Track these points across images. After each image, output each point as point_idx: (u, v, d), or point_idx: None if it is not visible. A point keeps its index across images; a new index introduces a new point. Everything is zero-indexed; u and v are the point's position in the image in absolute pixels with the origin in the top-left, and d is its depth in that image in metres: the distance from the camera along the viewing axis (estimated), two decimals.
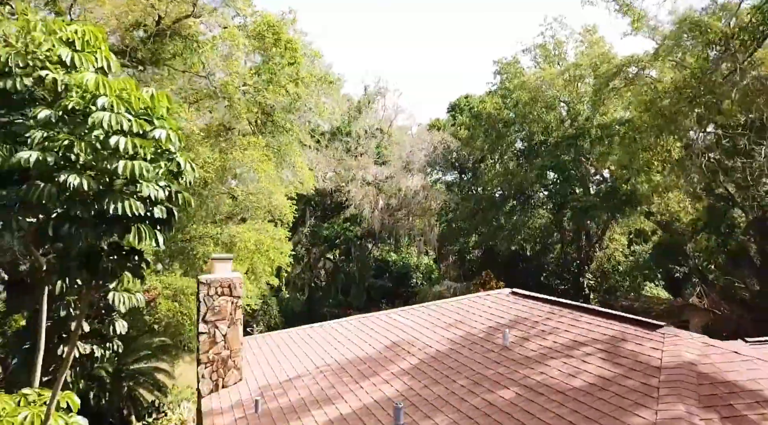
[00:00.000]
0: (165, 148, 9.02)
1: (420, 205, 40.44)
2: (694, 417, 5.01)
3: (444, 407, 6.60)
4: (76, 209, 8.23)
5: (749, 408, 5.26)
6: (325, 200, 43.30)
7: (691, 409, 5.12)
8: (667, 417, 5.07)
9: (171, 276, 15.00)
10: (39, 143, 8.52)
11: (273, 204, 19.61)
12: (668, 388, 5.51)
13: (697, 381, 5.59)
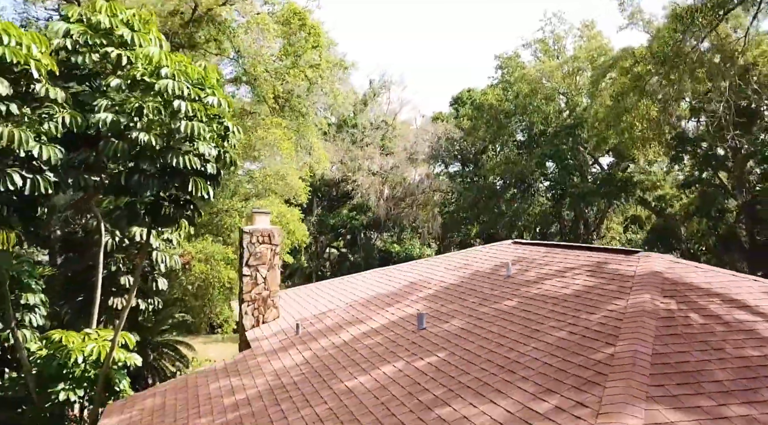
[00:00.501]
0: (215, 113, 10.54)
1: (424, 194, 41.89)
2: (656, 302, 6.46)
3: (458, 315, 8.06)
4: (145, 163, 9.73)
5: (701, 297, 6.71)
6: (332, 191, 44.77)
7: (654, 298, 6.57)
8: (634, 302, 6.53)
9: (203, 242, 16.46)
10: (109, 108, 10.01)
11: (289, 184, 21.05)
12: (638, 287, 6.96)
13: (661, 282, 7.04)
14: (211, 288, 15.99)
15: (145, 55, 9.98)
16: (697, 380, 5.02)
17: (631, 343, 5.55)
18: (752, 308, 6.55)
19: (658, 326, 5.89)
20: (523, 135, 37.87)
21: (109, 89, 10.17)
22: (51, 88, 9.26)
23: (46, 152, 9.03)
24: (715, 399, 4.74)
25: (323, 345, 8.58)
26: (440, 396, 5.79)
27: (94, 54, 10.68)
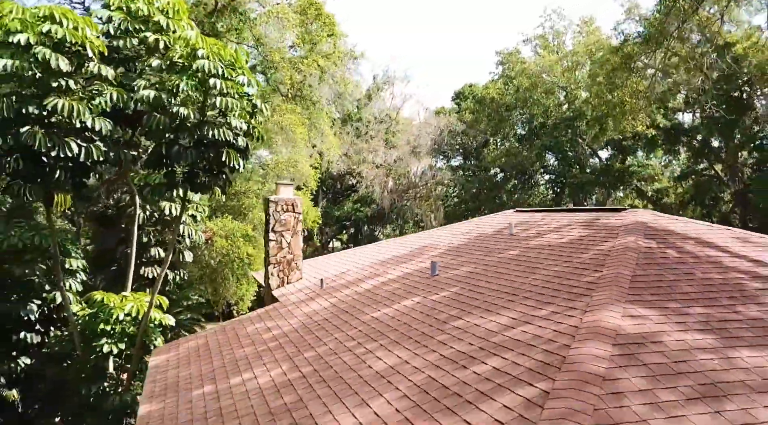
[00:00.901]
0: (244, 92, 11.62)
1: (426, 186, 42.97)
2: (639, 242, 7.53)
3: (466, 264, 9.13)
4: (183, 135, 10.81)
5: (677, 240, 7.78)
6: (336, 184, 45.87)
7: (637, 239, 7.64)
8: (620, 243, 7.60)
9: (224, 220, 17.51)
10: (148, 86, 11.09)
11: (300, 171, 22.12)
12: (624, 233, 8.04)
13: (644, 228, 8.11)
14: (231, 263, 17.05)
15: (183, 38, 11.06)
16: (668, 292, 6.10)
17: (615, 269, 6.63)
18: (721, 247, 7.63)
19: (639, 258, 6.97)
20: (523, 128, 38.93)
21: (150, 69, 11.27)
22: (103, 66, 10.32)
23: (98, 123, 10.11)
24: (681, 304, 5.82)
25: (347, 293, 9.66)
26: (454, 314, 6.87)
27: (133, 39, 11.78)
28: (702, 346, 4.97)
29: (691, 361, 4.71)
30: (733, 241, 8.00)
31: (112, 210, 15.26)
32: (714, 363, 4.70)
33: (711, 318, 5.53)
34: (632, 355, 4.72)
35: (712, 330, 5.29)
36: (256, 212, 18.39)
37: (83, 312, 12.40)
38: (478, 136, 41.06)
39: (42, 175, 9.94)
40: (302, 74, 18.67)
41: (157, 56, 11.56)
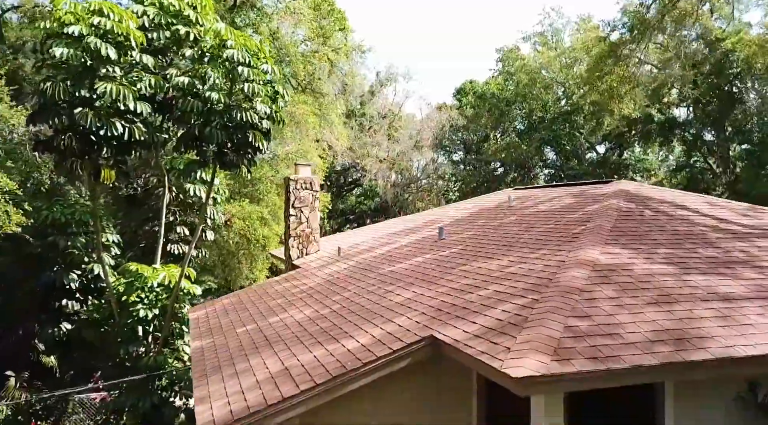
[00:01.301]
0: (267, 79, 12.77)
1: (428, 180, 44.14)
2: (620, 204, 8.70)
3: (471, 229, 10.31)
4: (215, 117, 11.97)
5: (655, 203, 8.95)
6: (340, 177, 47.03)
7: (619, 202, 8.81)
8: (604, 204, 8.77)
9: (242, 203, 18.67)
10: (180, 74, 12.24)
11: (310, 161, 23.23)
12: (608, 198, 9.21)
13: (626, 194, 9.28)
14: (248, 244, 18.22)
15: (214, 31, 12.23)
16: (640, 238, 7.27)
17: (597, 222, 7.80)
18: (691, 209, 8.81)
19: (618, 215, 8.13)
20: (522, 122, 40.06)
21: (183, 59, 12.44)
22: (144, 55, 11.49)
23: (140, 106, 11.27)
24: (650, 246, 6.99)
25: (363, 257, 10.83)
26: (460, 262, 8.05)
27: (166, 31, 12.93)
28: (663, 272, 6.15)
29: (652, 281, 5.89)
30: (703, 204, 9.19)
31: (140, 191, 16.45)
32: (670, 283, 5.88)
33: (673, 256, 6.70)
34: (605, 277, 5.90)
35: (673, 263, 6.47)
36: (270, 197, 19.55)
37: (118, 282, 13.57)
38: (478, 130, 42.17)
39: (91, 151, 11.12)
40: (313, 67, 19.82)
41: (188, 46, 12.73)
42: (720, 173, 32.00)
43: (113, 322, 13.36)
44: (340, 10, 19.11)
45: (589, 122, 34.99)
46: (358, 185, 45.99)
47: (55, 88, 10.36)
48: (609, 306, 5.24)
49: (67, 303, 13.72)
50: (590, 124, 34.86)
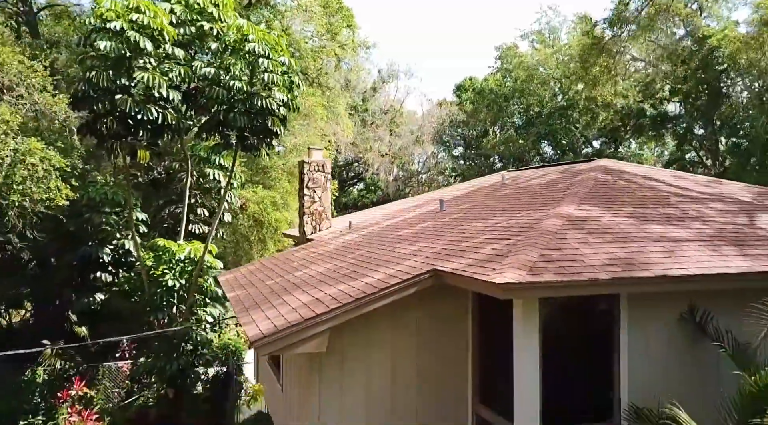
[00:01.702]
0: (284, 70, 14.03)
1: (429, 173, 45.46)
2: (597, 175, 10.00)
3: (468, 202, 11.62)
4: (237, 104, 13.25)
5: (628, 175, 10.26)
6: (343, 171, 48.36)
7: (597, 174, 10.11)
8: (583, 177, 10.07)
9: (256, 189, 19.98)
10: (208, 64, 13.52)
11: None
12: (588, 171, 10.52)
13: (603, 168, 10.58)
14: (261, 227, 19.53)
15: (237, 26, 13.52)
16: (611, 200, 8.57)
17: (575, 189, 9.11)
18: (660, 180, 10.13)
19: (595, 183, 9.44)
20: (520, 117, 41.37)
21: (209, 52, 13.74)
22: (176, 48, 12.78)
23: (171, 94, 12.57)
24: (618, 205, 8.29)
25: (372, 229, 12.15)
26: (457, 224, 9.36)
27: (191, 26, 14.21)
28: (625, 223, 7.46)
29: (615, 228, 7.20)
30: (671, 177, 10.51)
31: (163, 176, 17.76)
32: (630, 230, 7.19)
33: (636, 212, 8.01)
34: (577, 224, 7.21)
35: (635, 217, 7.77)
36: (281, 183, 20.86)
37: (148, 256, 14.87)
38: (477, 125, 43.48)
39: (128, 134, 12.42)
40: (321, 62, 21.11)
41: (211, 40, 14.02)
42: (710, 165, 33.27)
43: (142, 293, 14.66)
44: (348, 8, 20.46)
45: (584, 117, 36.32)
46: (361, 179, 47.37)
47: (99, 76, 11.66)
48: (576, 243, 6.55)
49: (101, 275, 15.04)
50: (585, 119, 36.20)
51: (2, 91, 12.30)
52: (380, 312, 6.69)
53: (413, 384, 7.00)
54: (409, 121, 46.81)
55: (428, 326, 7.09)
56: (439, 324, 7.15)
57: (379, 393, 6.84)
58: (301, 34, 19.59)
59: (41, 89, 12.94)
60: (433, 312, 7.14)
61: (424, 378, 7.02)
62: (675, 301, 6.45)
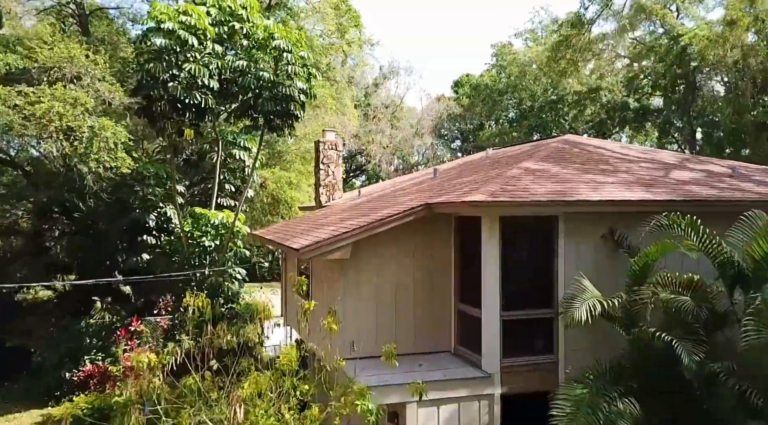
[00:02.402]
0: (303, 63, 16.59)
1: (428, 164, 48.01)
2: (557, 145, 12.58)
3: (458, 170, 14.22)
4: (265, 91, 15.82)
5: (583, 145, 12.84)
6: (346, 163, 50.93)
7: (558, 144, 12.69)
8: (546, 146, 12.66)
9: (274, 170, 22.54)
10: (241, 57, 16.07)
11: None
12: (552, 143, 13.11)
13: (564, 141, 13.16)
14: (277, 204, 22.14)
15: (264, 26, 16.09)
16: (564, 160, 11.16)
17: (538, 154, 11.70)
18: (609, 149, 12.73)
19: (554, 150, 12.03)
20: (513, 111, 43.97)
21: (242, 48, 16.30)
22: (216, 44, 15.36)
23: (212, 82, 15.14)
24: (568, 163, 10.87)
25: (378, 194, 14.75)
26: (446, 182, 11.96)
27: (224, 26, 16.77)
28: (568, 173, 10.04)
29: (560, 175, 9.80)
30: (618, 147, 13.11)
31: (194, 156, 20.37)
32: (570, 177, 9.78)
33: (580, 168, 10.59)
34: (531, 173, 9.81)
35: (577, 170, 10.36)
36: (295, 166, 23.45)
37: (186, 222, 17.46)
38: (474, 119, 46.06)
39: (176, 116, 15.00)
40: (330, 58, 23.66)
41: (241, 38, 16.58)
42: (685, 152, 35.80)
43: (181, 254, 17.24)
44: (355, 10, 23.06)
45: (572, 110, 38.88)
46: (363, 170, 49.94)
47: (156, 68, 14.25)
48: (528, 183, 9.14)
49: (147, 238, 17.65)
50: (573, 112, 38.76)
51: (72, 80, 14.88)
52: (386, 235, 9.28)
53: (410, 288, 9.58)
54: (409, 115, 49.37)
55: (422, 246, 9.67)
56: (430, 246, 9.72)
57: (385, 291, 9.43)
58: (312, 32, 22.15)
59: (101, 79, 15.51)
60: (425, 236, 9.71)
61: (418, 284, 9.61)
62: (599, 224, 9.01)
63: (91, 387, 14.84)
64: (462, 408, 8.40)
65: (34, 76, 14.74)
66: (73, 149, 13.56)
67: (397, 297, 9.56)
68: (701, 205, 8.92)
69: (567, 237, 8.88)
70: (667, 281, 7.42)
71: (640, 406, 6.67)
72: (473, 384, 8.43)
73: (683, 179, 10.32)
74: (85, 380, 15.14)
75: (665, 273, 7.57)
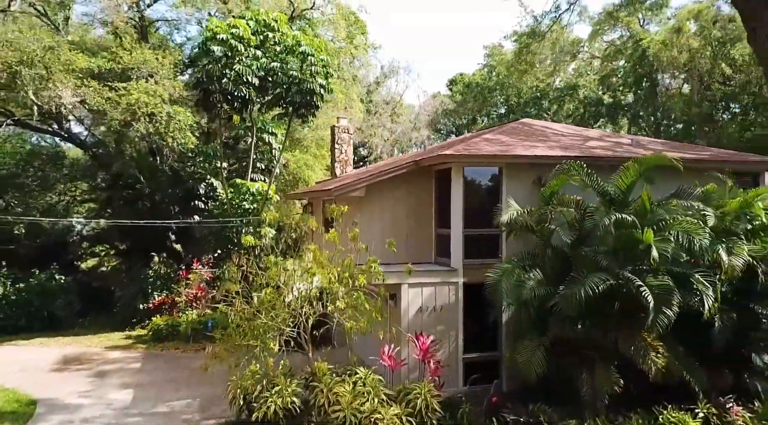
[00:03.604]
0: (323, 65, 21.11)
1: None
2: (514, 125, 17.11)
3: (447, 144, 18.80)
4: (293, 86, 20.36)
5: (535, 126, 17.38)
6: None
7: (515, 124, 17.21)
8: (503, 125, 17.20)
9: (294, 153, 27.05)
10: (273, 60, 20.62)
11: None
12: (513, 124, 17.66)
13: (522, 123, 17.69)
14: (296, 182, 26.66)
15: (293, 35, 20.64)
16: (513, 134, 15.72)
17: (495, 130, 16.27)
18: (551, 128, 17.30)
19: (508, 128, 16.59)
20: (502, 107, 48.53)
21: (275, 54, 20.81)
22: (258, 51, 19.88)
23: (253, 79, 19.67)
24: (515, 136, 15.43)
25: (384, 164, 19.32)
26: (431, 151, 16.54)
27: (260, 35, 21.30)
28: (512, 141, 14.60)
29: (507, 142, 14.37)
30: (560, 127, 17.68)
31: (231, 140, 24.93)
32: (514, 143, 14.35)
33: (526, 139, 15.14)
34: (485, 140, 14.38)
35: (520, 139, 14.91)
36: (311, 151, 28.03)
37: (229, 190, 21.99)
38: (466, 114, 50.60)
39: (227, 105, 19.55)
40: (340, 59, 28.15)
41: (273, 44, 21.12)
42: None
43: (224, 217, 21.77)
44: (362, 21, 27.57)
45: (553, 105, 43.43)
46: (366, 161, 54.47)
47: (213, 68, 18.80)
48: (483, 145, 13.70)
49: (197, 203, 22.22)
50: (553, 107, 43.31)
51: (146, 78, 19.46)
52: (387, 182, 13.85)
53: (403, 219, 14.12)
54: (407, 110, 53.91)
55: (412, 191, 14.20)
56: (417, 190, 14.25)
57: (386, 220, 13.97)
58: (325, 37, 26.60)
59: (167, 77, 20.07)
60: (414, 184, 14.24)
61: (410, 216, 14.17)
62: (530, 172, 13.52)
63: (163, 311, 19.42)
64: (437, 290, 12.96)
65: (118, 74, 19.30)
66: (155, 129, 18.13)
67: (394, 224, 14.11)
68: (597, 159, 13.44)
69: (508, 182, 13.42)
70: (562, 202, 11.93)
71: (541, 272, 11.22)
72: (445, 274, 13.01)
73: (593, 146, 14.90)
74: (156, 308, 19.73)
75: (561, 196, 12.07)
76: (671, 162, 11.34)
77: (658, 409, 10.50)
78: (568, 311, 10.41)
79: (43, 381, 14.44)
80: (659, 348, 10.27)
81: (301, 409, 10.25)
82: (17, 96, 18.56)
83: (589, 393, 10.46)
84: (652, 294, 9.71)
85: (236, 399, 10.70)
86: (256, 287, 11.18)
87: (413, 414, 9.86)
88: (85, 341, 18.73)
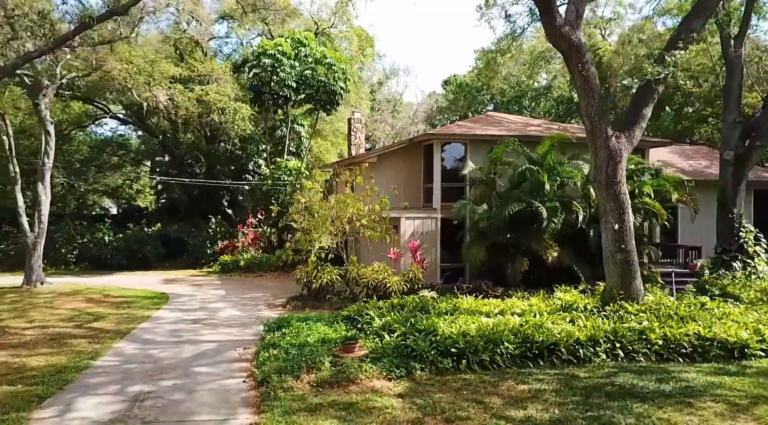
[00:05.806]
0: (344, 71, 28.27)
1: None
2: (483, 117, 24.16)
3: None
4: (321, 88, 27.53)
5: (494, 116, 24.46)
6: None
7: (482, 116, 24.25)
8: (476, 118, 24.28)
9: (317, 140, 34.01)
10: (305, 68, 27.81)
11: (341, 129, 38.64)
12: (482, 117, 24.73)
13: (488, 114, 24.76)
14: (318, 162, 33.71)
15: (320, 51, 27.71)
16: (480, 122, 22.86)
17: (467, 120, 23.37)
18: (507, 119, 24.42)
19: (477, 118, 23.71)
20: (489, 104, 55.59)
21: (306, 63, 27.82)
22: (294, 61, 26.97)
23: (292, 83, 26.72)
24: (480, 124, 22.56)
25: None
26: None
27: (294, 50, 28.35)
28: (477, 126, 21.71)
29: (474, 128, 21.50)
30: (515, 118, 24.81)
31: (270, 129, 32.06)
32: (476, 128, 21.49)
33: (484, 124, 22.22)
34: (458, 126, 21.50)
35: (483, 126, 22.00)
36: (329, 138, 35.16)
37: (271, 167, 29.03)
38: (458, 111, 57.67)
39: (274, 103, 26.63)
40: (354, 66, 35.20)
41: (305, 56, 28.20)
42: None
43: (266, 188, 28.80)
44: (371, 36, 34.65)
45: (531, 103, 50.48)
46: None
47: (265, 75, 25.86)
48: (455, 129, 20.79)
49: (245, 176, 29.34)
50: (532, 105, 50.36)
51: (215, 82, 26.54)
52: (391, 155, 21.01)
53: (402, 180, 21.24)
54: (407, 108, 61.03)
55: (408, 161, 21.29)
56: (411, 161, 21.35)
57: (391, 180, 21.06)
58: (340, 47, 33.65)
59: (226, 81, 27.17)
60: (410, 156, 21.34)
61: (409, 178, 21.28)
62: (485, 146, 20.59)
63: (226, 253, 26.53)
64: (424, 222, 20.06)
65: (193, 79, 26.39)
66: (225, 119, 25.25)
67: (397, 181, 21.17)
68: (532, 138, 20.45)
69: (471, 153, 20.51)
70: (502, 162, 18.99)
71: (487, 206, 18.32)
72: (429, 212, 20.12)
73: (531, 130, 21.97)
74: (221, 251, 26.84)
75: (502, 159, 19.11)
76: (568, 138, 18.44)
77: (556, 287, 17.60)
78: (500, 225, 17.50)
79: (160, 287, 21.55)
80: (554, 246, 17.35)
81: (339, 282, 17.35)
82: (124, 97, 25.61)
83: (511, 275, 17.58)
84: (546, 210, 16.80)
85: (301, 279, 17.78)
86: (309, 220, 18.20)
87: (408, 281, 16.96)
88: (173, 274, 25.83)
